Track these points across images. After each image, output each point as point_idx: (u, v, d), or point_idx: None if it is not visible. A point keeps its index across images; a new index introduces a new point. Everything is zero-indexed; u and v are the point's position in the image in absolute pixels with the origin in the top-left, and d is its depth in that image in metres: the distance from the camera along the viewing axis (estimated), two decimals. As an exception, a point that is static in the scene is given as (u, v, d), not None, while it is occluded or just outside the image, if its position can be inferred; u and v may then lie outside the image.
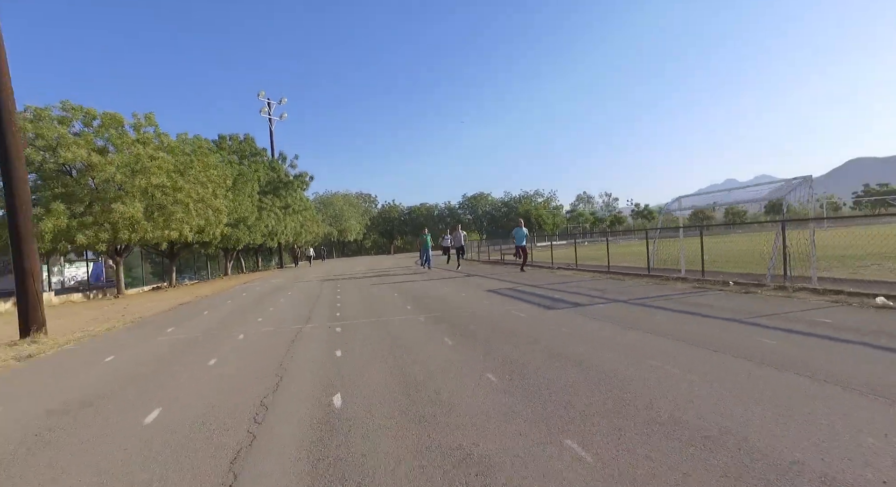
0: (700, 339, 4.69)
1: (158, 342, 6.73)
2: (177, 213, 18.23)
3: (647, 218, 64.06)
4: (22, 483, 2.59)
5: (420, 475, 2.34)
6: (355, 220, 65.68)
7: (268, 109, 36.58)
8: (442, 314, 7.45)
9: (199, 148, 22.52)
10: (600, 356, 4.28)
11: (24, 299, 7.41)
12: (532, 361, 4.28)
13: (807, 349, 4.15)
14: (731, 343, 4.46)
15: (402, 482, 2.29)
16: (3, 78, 7.35)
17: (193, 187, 19.22)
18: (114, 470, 2.64)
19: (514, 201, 72.82)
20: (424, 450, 2.61)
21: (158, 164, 17.71)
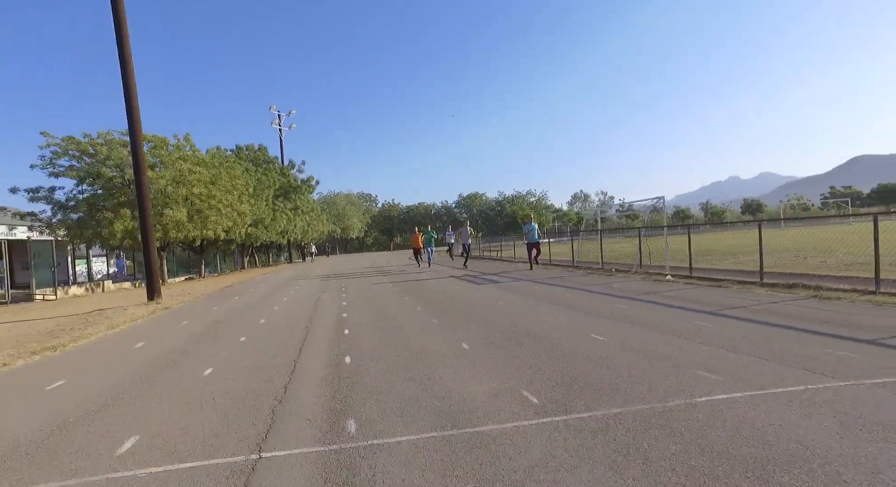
0: (565, 302, 8.62)
1: (231, 305, 10.95)
2: (211, 216, 22.54)
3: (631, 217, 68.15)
4: (202, 349, 6.82)
5: (379, 335, 6.59)
6: (357, 218, 70.05)
7: (278, 121, 40.86)
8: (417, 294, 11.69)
9: (226, 161, 26.83)
10: (501, 309, 8.52)
11: (150, 277, 11.73)
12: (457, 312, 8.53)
13: (613, 305, 8.38)
14: (582, 304, 8.56)
15: (378, 346, 6.53)
16: (136, 138, 11.62)
17: (224, 195, 23.53)
18: (238, 348, 6.86)
19: (507, 201, 77.04)
20: (379, 325, 6.86)
21: (197, 177, 22.00)
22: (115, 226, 19.25)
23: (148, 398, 3.95)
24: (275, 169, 35.17)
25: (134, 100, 11.84)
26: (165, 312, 10.10)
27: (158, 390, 4.16)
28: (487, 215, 77.02)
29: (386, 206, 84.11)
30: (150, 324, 8.57)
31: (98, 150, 20.01)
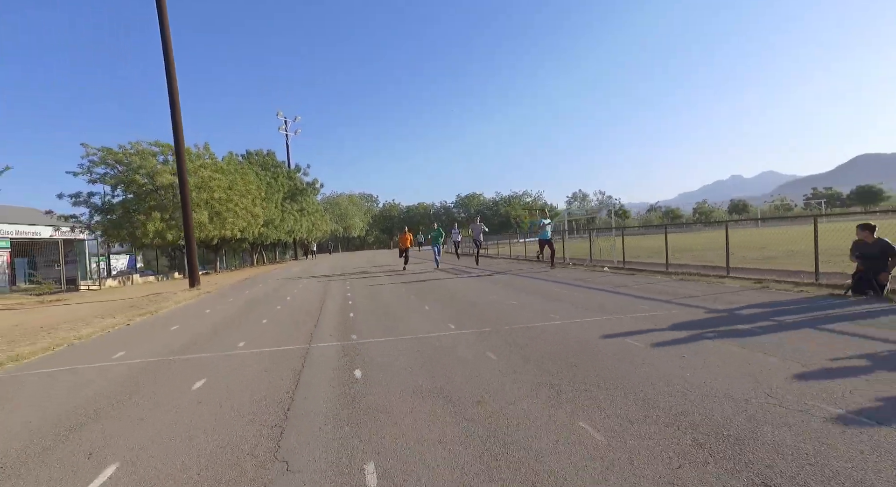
0: (510, 285, 11.58)
1: (258, 290, 13.73)
2: (229, 218, 25.35)
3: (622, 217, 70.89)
4: (252, 312, 9.59)
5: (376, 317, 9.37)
6: (358, 218, 72.90)
7: (285, 127, 43.65)
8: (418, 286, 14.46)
9: (240, 168, 29.65)
10: (461, 290, 11.28)
11: (192, 269, 14.55)
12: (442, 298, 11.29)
13: (556, 288, 11.14)
14: (521, 285, 11.38)
15: (370, 309, 9.31)
16: (181, 163, 14.41)
17: (239, 199, 26.34)
18: (277, 311, 9.64)
19: (504, 201, 79.76)
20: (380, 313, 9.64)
21: (217, 183, 24.81)
22: (147, 227, 22.07)
23: (238, 331, 6.73)
24: (283, 173, 37.98)
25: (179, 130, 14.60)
26: (208, 295, 12.90)
27: (240, 329, 6.95)
28: (485, 214, 79.79)
29: (387, 206, 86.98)
30: (203, 301, 11.37)
31: (132, 159, 22.83)
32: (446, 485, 2.23)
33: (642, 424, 2.76)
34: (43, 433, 3.26)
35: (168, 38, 14.15)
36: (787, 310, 5.86)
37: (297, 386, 3.94)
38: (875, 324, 4.80)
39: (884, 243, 6.50)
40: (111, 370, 4.94)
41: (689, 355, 4.13)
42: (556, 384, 3.55)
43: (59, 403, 3.93)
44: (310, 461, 2.57)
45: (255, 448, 2.77)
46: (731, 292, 7.53)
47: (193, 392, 3.95)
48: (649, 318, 5.85)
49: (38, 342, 6.55)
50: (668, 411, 2.93)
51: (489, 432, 2.78)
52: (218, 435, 2.99)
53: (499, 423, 2.90)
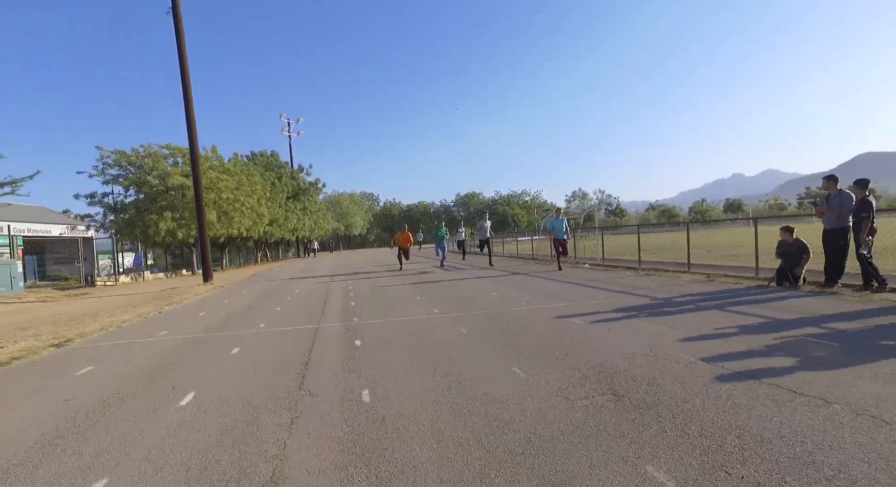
0: (497, 279, 12.84)
1: (267, 284, 14.96)
2: (236, 217, 26.59)
3: (618, 216, 72.04)
4: (266, 301, 10.83)
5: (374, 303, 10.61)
6: (360, 217, 74.15)
7: (288, 128, 44.88)
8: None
9: (246, 169, 30.89)
10: (454, 284, 12.51)
11: (206, 265, 15.81)
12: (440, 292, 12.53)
13: (533, 281, 12.37)
14: (505, 280, 12.61)
15: (369, 296, 10.55)
16: (195, 164, 15.64)
17: (246, 199, 27.58)
18: (288, 301, 10.88)
19: (503, 201, 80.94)
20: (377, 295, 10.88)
21: (224, 184, 26.04)
22: (159, 226, 23.33)
23: (257, 316, 7.96)
24: (286, 173, 39.21)
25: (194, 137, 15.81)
26: (222, 289, 14.15)
27: (258, 315, 8.18)
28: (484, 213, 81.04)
29: (387, 205, 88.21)
30: (220, 294, 12.62)
31: (144, 162, 24.07)
32: (416, 401, 3.45)
33: (556, 368, 3.97)
34: (137, 377, 4.51)
35: (184, 57, 15.36)
36: (713, 297, 7.08)
37: (311, 351, 5.18)
38: (769, 307, 6.02)
39: (800, 243, 7.71)
40: (162, 342, 6.19)
41: (613, 328, 5.36)
42: (504, 348, 4.77)
43: (138, 361, 5.17)
44: (324, 390, 3.80)
45: (286, 385, 4.00)
46: (679, 285, 8.75)
47: (233, 355, 5.19)
48: (601, 304, 7.07)
49: (89, 325, 7.79)
50: (577, 360, 4.15)
51: (450, 373, 4.01)
52: (259, 379, 4.22)
53: (458, 369, 4.12)
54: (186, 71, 15.46)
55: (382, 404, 3.39)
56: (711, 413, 2.84)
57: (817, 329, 4.72)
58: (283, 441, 2.85)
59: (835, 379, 3.28)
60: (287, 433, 2.96)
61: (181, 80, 15.42)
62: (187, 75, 15.50)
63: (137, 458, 2.74)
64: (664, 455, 2.39)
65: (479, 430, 2.83)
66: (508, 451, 2.53)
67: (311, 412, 3.29)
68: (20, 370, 5.21)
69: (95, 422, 3.39)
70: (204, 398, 3.77)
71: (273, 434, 2.96)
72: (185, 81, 15.43)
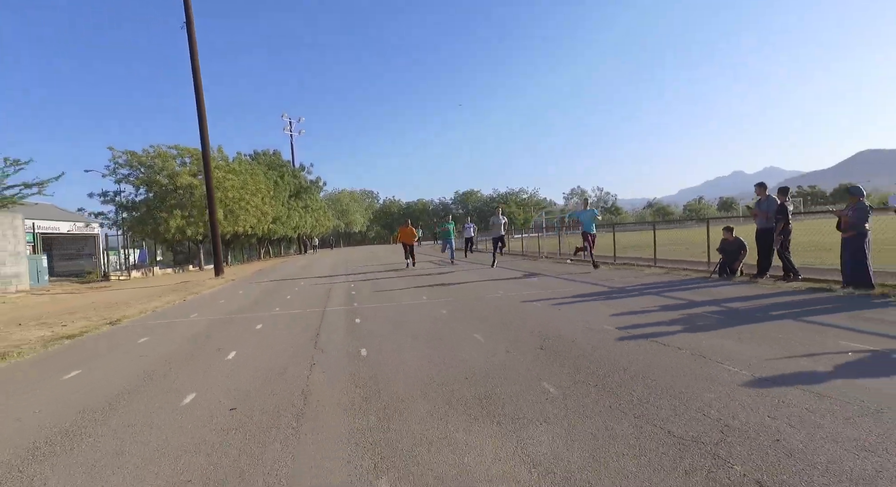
0: (483, 271, 14.11)
1: (275, 277, 16.23)
2: (241, 215, 27.86)
3: (614, 214, 73.33)
4: (277, 293, 12.11)
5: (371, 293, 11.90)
6: (360, 214, 75.44)
7: (289, 128, 46.08)
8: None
9: (251, 169, 32.15)
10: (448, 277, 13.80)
11: (217, 261, 17.09)
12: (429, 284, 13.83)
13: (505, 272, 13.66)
14: (488, 273, 13.90)
15: (366, 286, 11.84)
16: (207, 161, 16.89)
17: (251, 198, 28.84)
18: (296, 291, 12.17)
19: (501, 198, 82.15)
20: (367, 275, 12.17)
21: (231, 183, 27.30)
22: (169, 223, 24.59)
23: (271, 302, 9.24)
24: (288, 172, 40.47)
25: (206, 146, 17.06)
26: (233, 282, 15.44)
27: (272, 301, 9.47)
28: (482, 210, 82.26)
29: (387, 202, 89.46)
30: (233, 286, 13.91)
31: (154, 162, 25.32)
32: (402, 356, 4.73)
33: (507, 335, 5.26)
34: (187, 343, 5.81)
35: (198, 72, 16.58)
36: (658, 286, 8.37)
37: (321, 325, 6.48)
38: (694, 293, 7.31)
39: (739, 241, 8.99)
40: (197, 322, 7.49)
41: (565, 309, 6.65)
42: (474, 322, 6.07)
43: (183, 334, 6.48)
44: (333, 349, 5.09)
45: (304, 346, 5.29)
46: (639, 277, 10.03)
47: (257, 329, 6.48)
48: (566, 291, 8.37)
49: (127, 310, 9.09)
50: (524, 329, 5.43)
51: (429, 338, 5.30)
52: (282, 343, 5.52)
53: (436, 335, 5.42)
54: (200, 87, 16.69)
55: (375, 357, 4.68)
56: (603, 357, 4.14)
57: (717, 307, 6.02)
58: (307, 377, 4.14)
59: (698, 338, 4.57)
60: (308, 373, 4.26)
61: (195, 94, 16.64)
62: (200, 91, 16.72)
63: (211, 385, 4.04)
64: (556, 377, 3.68)
65: (440, 368, 4.12)
66: (458, 379, 3.82)
67: (324, 362, 4.58)
68: (91, 339, 6.52)
69: (170, 369, 4.69)
70: (244, 355, 5.07)
71: (299, 374, 4.26)
72: (198, 96, 16.65)
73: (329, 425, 3.01)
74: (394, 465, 2.43)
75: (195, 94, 16.56)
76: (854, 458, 2.19)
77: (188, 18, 15.88)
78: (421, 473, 2.33)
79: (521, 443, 2.57)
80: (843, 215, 6.83)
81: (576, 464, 2.31)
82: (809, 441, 2.38)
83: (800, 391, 3.06)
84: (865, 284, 6.51)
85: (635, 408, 2.95)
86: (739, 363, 3.71)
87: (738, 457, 2.27)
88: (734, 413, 2.77)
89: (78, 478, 2.51)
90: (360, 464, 2.46)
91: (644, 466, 2.25)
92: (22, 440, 3.08)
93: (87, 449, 2.87)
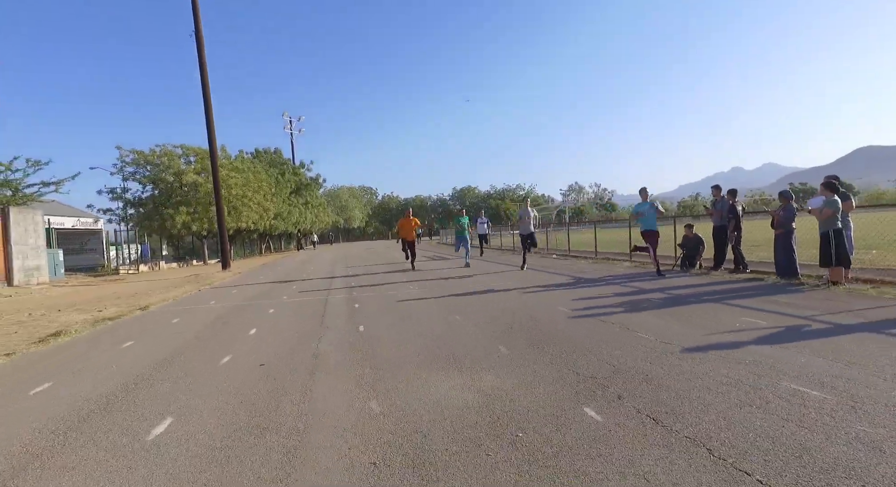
0: (475, 266, 15.15)
1: (281, 270, 17.26)
2: (244, 211, 28.88)
3: (608, 210, 74.41)
4: (284, 282, 13.17)
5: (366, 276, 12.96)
6: (359, 210, 76.45)
7: (289, 126, 47.01)
8: (392, 262, 18.07)
9: (253, 167, 33.15)
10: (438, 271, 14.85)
11: (224, 255, 18.13)
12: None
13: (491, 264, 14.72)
14: (476, 265, 14.95)
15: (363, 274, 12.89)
16: (214, 162, 17.90)
17: (253, 195, 29.86)
18: (302, 283, 13.22)
19: (498, 194, 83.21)
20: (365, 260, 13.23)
21: (234, 181, 28.30)
22: (176, 219, 25.62)
23: (280, 292, 10.29)
24: (289, 170, 41.46)
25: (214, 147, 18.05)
26: (240, 275, 16.49)
27: (281, 291, 10.51)
28: (479, 206, 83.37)
29: (385, 198, 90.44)
30: (241, 278, 14.97)
31: (161, 161, 26.31)
32: (392, 331, 5.79)
33: (480, 318, 6.32)
34: (213, 323, 6.87)
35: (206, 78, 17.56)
36: (624, 277, 9.44)
37: (325, 308, 7.54)
38: (649, 283, 8.38)
39: (698, 237, 10.06)
40: (216, 308, 8.55)
41: (530, 295, 7.71)
42: (451, 307, 7.13)
43: (207, 317, 7.54)
44: (336, 326, 6.15)
45: (312, 324, 6.35)
46: (612, 269, 11.09)
47: (271, 313, 7.55)
48: (538, 281, 9.43)
49: (150, 299, 10.13)
50: (493, 311, 6.49)
51: (413, 322, 6.36)
52: (294, 322, 6.58)
53: (417, 318, 6.48)
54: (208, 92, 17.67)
55: (370, 331, 5.75)
56: (552, 330, 5.20)
57: (662, 294, 7.09)
58: (316, 345, 5.20)
59: (631, 316, 5.65)
60: (318, 342, 5.32)
61: (203, 97, 17.65)
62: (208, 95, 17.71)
63: (240, 351, 5.10)
64: (511, 343, 4.74)
65: (421, 339, 5.18)
66: (432, 345, 4.88)
67: (330, 335, 5.65)
68: (129, 321, 7.59)
69: (205, 341, 5.76)
70: (263, 331, 6.14)
71: (310, 343, 5.32)
72: (206, 98, 17.64)
73: (335, 375, 4.07)
74: (382, 394, 3.49)
75: (203, 97, 17.55)
76: (700, 388, 3.25)
77: (197, 28, 16.84)
78: (400, 398, 3.39)
79: (474, 381, 3.63)
80: (775, 215, 7.89)
81: (507, 390, 3.37)
82: (666, 376, 3.45)
83: (678, 347, 4.14)
84: (792, 274, 7.58)
85: (559, 360, 4.03)
86: (651, 332, 4.78)
87: (615, 385, 3.34)
88: (626, 363, 3.83)
89: (159, 403, 3.56)
90: (357, 395, 3.52)
91: (551, 389, 3.32)
92: (116, 380, 4.14)
93: (168, 385, 3.93)
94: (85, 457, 2.69)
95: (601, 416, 2.82)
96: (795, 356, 3.73)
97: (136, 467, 2.54)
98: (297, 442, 2.72)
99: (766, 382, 3.20)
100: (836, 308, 5.41)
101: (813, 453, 2.24)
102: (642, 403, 2.98)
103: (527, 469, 2.28)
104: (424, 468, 2.36)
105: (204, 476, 2.39)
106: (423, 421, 2.92)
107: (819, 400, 2.84)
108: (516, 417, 2.89)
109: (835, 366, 3.43)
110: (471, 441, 2.60)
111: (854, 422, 2.52)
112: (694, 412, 2.80)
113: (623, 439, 2.52)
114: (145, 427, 3.10)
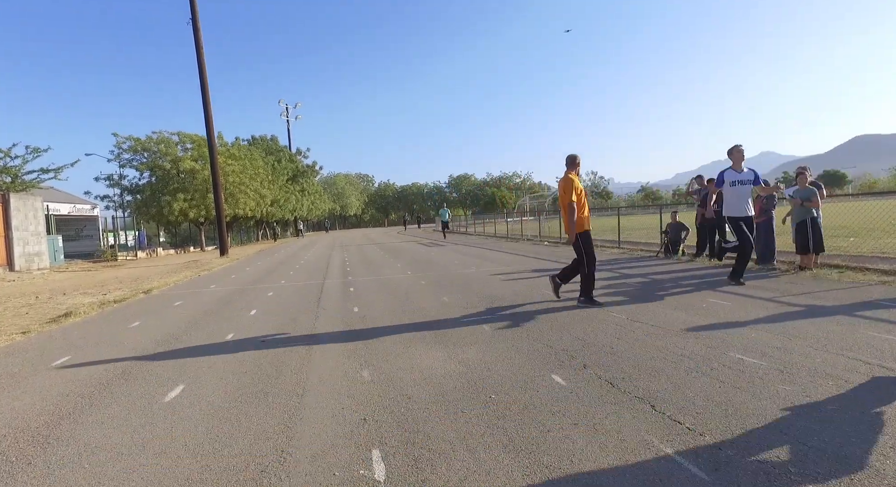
0: (465, 250, 15.55)
1: (279, 256, 17.58)
2: (241, 198, 29.07)
3: (604, 197, 74.73)
4: (283, 266, 13.51)
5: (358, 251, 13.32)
6: (355, 197, 76.48)
7: (286, 113, 46.89)
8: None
9: (250, 154, 33.23)
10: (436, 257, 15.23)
11: (222, 241, 18.43)
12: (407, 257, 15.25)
13: (484, 251, 15.10)
14: (469, 251, 15.34)
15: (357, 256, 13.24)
16: (212, 149, 18.10)
17: (250, 182, 30.02)
18: (300, 265, 13.56)
19: (494, 182, 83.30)
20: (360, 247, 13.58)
21: (231, 168, 28.44)
22: (173, 206, 25.81)
23: (277, 277, 10.63)
24: (285, 157, 41.51)
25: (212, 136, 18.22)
26: (238, 261, 16.81)
27: (278, 276, 10.85)
28: (476, 195, 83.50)
29: (382, 186, 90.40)
30: (239, 264, 15.29)
31: (158, 148, 26.40)
32: (385, 312, 6.16)
33: (459, 296, 6.69)
34: (215, 304, 7.23)
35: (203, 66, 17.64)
36: (609, 263, 9.82)
37: (321, 291, 7.90)
38: (632, 268, 8.76)
39: (683, 225, 10.42)
40: (217, 291, 8.90)
41: (513, 280, 8.08)
42: (436, 287, 7.49)
43: (209, 299, 7.89)
44: (331, 307, 6.51)
45: (309, 305, 6.71)
46: (600, 256, 11.43)
47: (269, 296, 7.90)
48: (525, 267, 9.80)
49: (151, 283, 10.46)
50: (473, 290, 6.86)
51: (404, 299, 6.72)
52: (292, 304, 6.94)
53: (406, 296, 6.84)
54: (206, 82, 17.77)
55: (364, 311, 6.12)
56: (532, 311, 5.57)
57: (642, 278, 7.48)
58: (314, 323, 5.56)
59: (610, 298, 6.03)
60: (314, 321, 5.68)
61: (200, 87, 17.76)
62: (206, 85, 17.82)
63: (243, 328, 5.46)
64: (495, 323, 5.11)
65: (410, 314, 5.56)
66: (417, 319, 5.25)
67: (326, 315, 6.02)
68: (134, 303, 7.93)
69: (208, 320, 6.12)
70: (263, 311, 6.50)
71: (308, 322, 5.68)
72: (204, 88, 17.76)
73: (330, 347, 4.44)
74: (373, 365, 3.86)
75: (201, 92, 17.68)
76: (657, 359, 3.63)
77: (194, 16, 16.89)
78: (389, 367, 3.76)
79: (457, 353, 4.01)
80: (758, 203, 8.25)
81: (487, 361, 3.75)
82: (629, 349, 3.83)
83: (647, 325, 4.52)
84: (769, 260, 7.97)
85: (535, 335, 4.41)
86: (623, 312, 5.17)
87: (582, 356, 3.72)
88: (597, 338, 4.22)
89: (171, 372, 3.93)
90: (350, 366, 3.89)
91: (527, 360, 3.70)
92: (129, 353, 4.50)
93: (178, 358, 4.30)
94: (111, 415, 3.06)
95: (566, 381, 3.21)
96: (748, 332, 4.12)
97: (157, 422, 2.90)
98: (297, 403, 3.09)
99: (716, 353, 3.58)
100: (797, 291, 5.81)
101: (737, 406, 2.63)
102: (603, 371, 3.37)
103: (496, 422, 2.66)
104: (408, 423, 2.73)
105: (216, 430, 2.76)
106: (408, 387, 3.30)
107: (755, 367, 3.23)
108: (491, 383, 3.28)
109: (778, 339, 3.83)
110: (450, 402, 2.98)
111: (777, 383, 2.91)
112: (647, 377, 3.18)
113: (581, 398, 2.90)
114: (161, 391, 3.46)
